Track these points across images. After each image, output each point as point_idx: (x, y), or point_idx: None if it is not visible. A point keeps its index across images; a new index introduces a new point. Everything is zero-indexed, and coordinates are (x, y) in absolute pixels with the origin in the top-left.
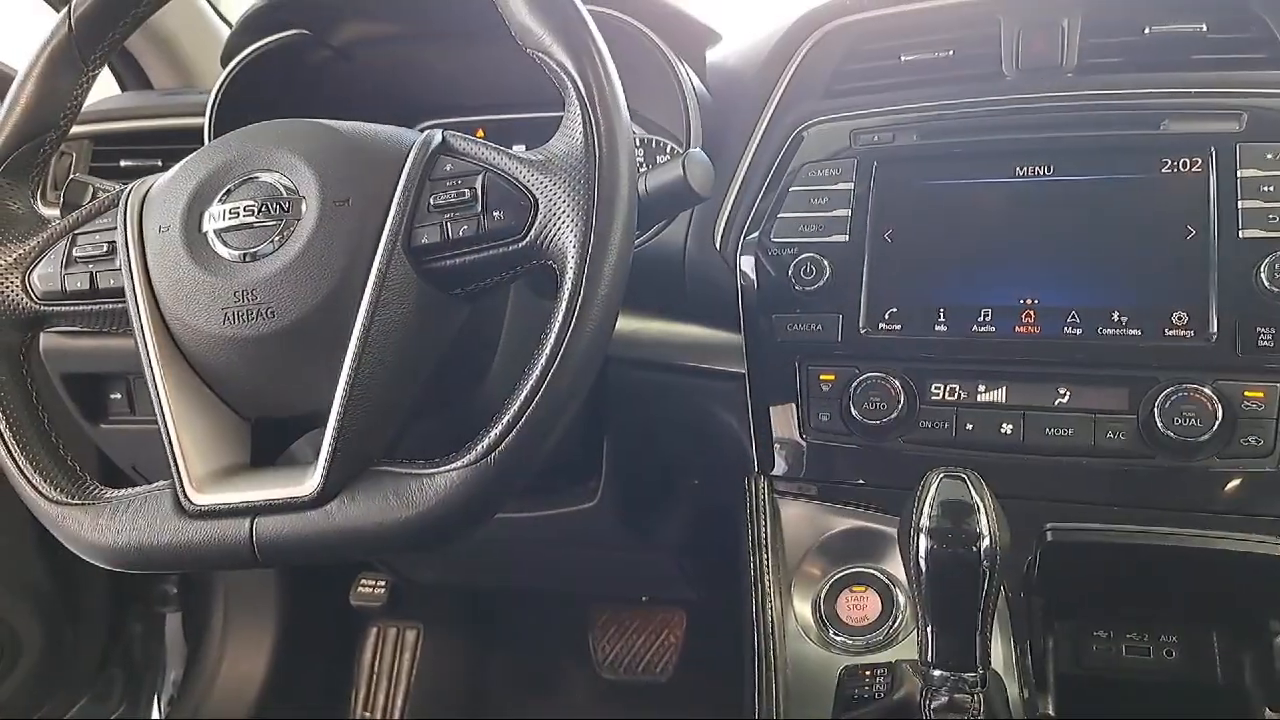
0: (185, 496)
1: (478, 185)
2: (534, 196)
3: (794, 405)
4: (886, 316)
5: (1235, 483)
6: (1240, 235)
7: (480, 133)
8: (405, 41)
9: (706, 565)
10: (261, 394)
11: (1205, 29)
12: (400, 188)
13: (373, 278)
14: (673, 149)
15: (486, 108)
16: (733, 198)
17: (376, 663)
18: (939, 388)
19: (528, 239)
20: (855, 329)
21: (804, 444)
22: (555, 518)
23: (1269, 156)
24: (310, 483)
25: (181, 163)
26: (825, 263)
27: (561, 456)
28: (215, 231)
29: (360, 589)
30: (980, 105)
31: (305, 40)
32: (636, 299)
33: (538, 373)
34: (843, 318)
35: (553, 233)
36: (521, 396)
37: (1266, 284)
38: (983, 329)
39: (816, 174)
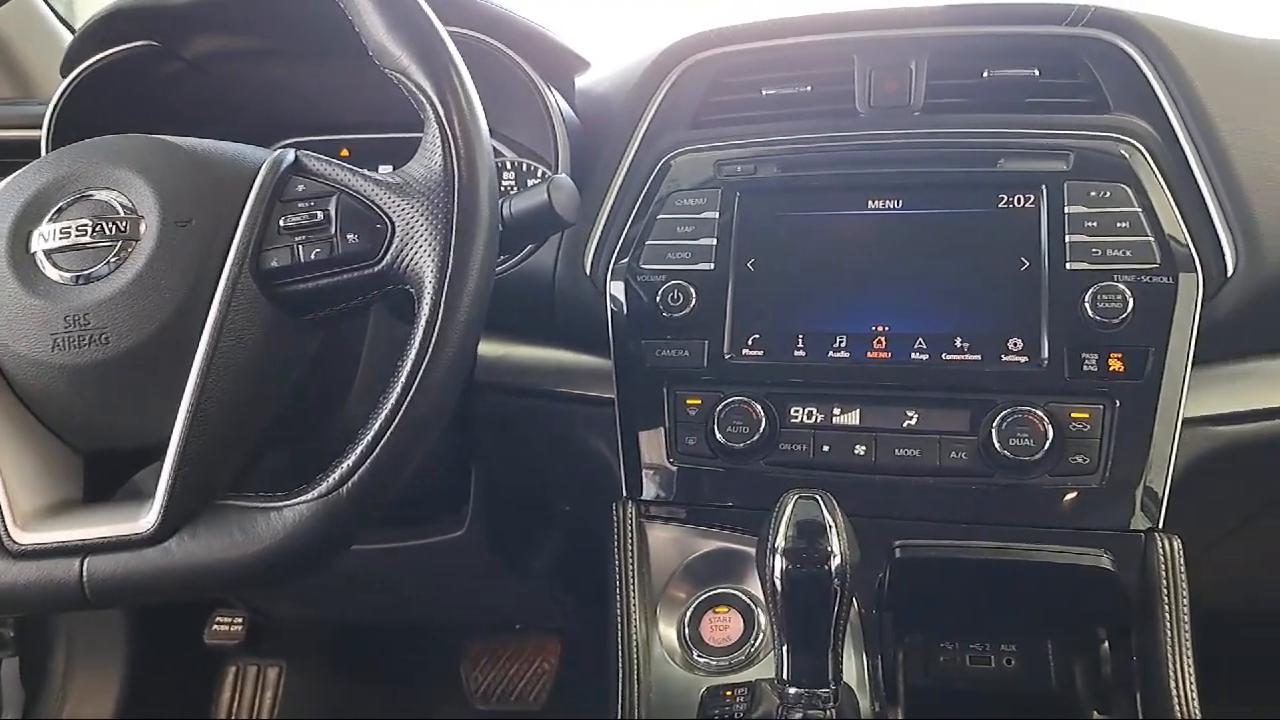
0: (8, 535)
1: (331, 207)
2: (390, 219)
3: (662, 430)
4: (750, 342)
5: (1065, 499)
6: (1068, 267)
7: (346, 152)
8: (264, 57)
9: (579, 591)
10: (95, 425)
11: (1038, 74)
12: (248, 208)
13: (217, 302)
14: (544, 173)
15: (352, 126)
16: (602, 223)
17: (235, 704)
18: (798, 411)
19: (383, 263)
20: (720, 355)
21: (672, 468)
22: (422, 548)
23: (1092, 194)
24: (147, 519)
25: (8, 179)
26: (692, 290)
27: (427, 485)
28: (44, 252)
29: (215, 626)
30: (836, 140)
31: (155, 51)
32: (505, 324)
33: (393, 401)
34: (708, 344)
35: (410, 257)
36: (376, 426)
37: (1091, 313)
38: (838, 354)
39: (683, 203)
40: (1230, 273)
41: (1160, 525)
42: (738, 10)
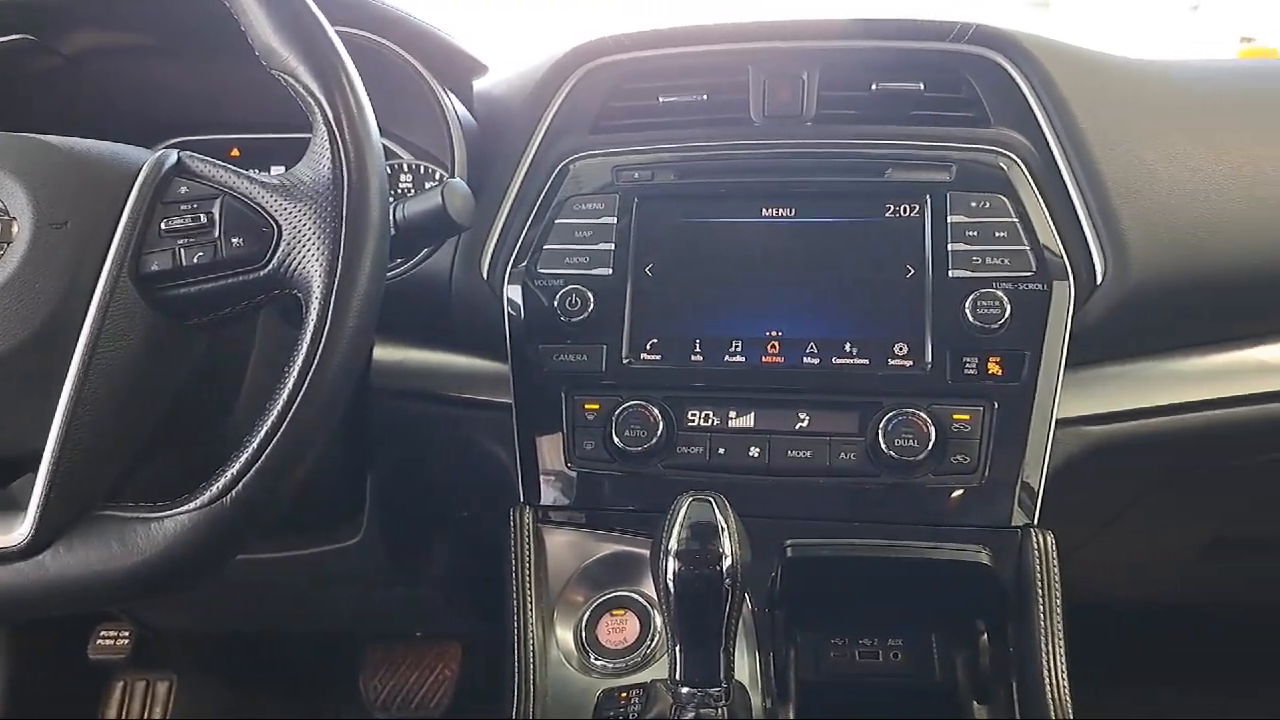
0: None
1: (215, 209)
2: (277, 223)
3: (560, 434)
4: (648, 347)
5: (947, 497)
6: (950, 275)
7: (236, 152)
8: (147, 54)
9: (478, 597)
10: None
11: (923, 88)
12: (127, 210)
13: (94, 307)
14: (442, 175)
15: (243, 126)
16: (500, 227)
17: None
18: (695, 414)
19: (270, 267)
20: (618, 359)
21: (570, 472)
22: (317, 556)
23: (973, 204)
24: (19, 531)
25: None
26: (590, 294)
27: (321, 492)
28: None
29: (100, 641)
30: (731, 148)
31: (30, 46)
32: (402, 328)
33: (279, 407)
34: (607, 348)
35: (297, 261)
36: (261, 433)
37: (971, 319)
38: (734, 359)
39: (581, 208)
40: (1099, 281)
41: (1035, 521)
42: (636, 18)
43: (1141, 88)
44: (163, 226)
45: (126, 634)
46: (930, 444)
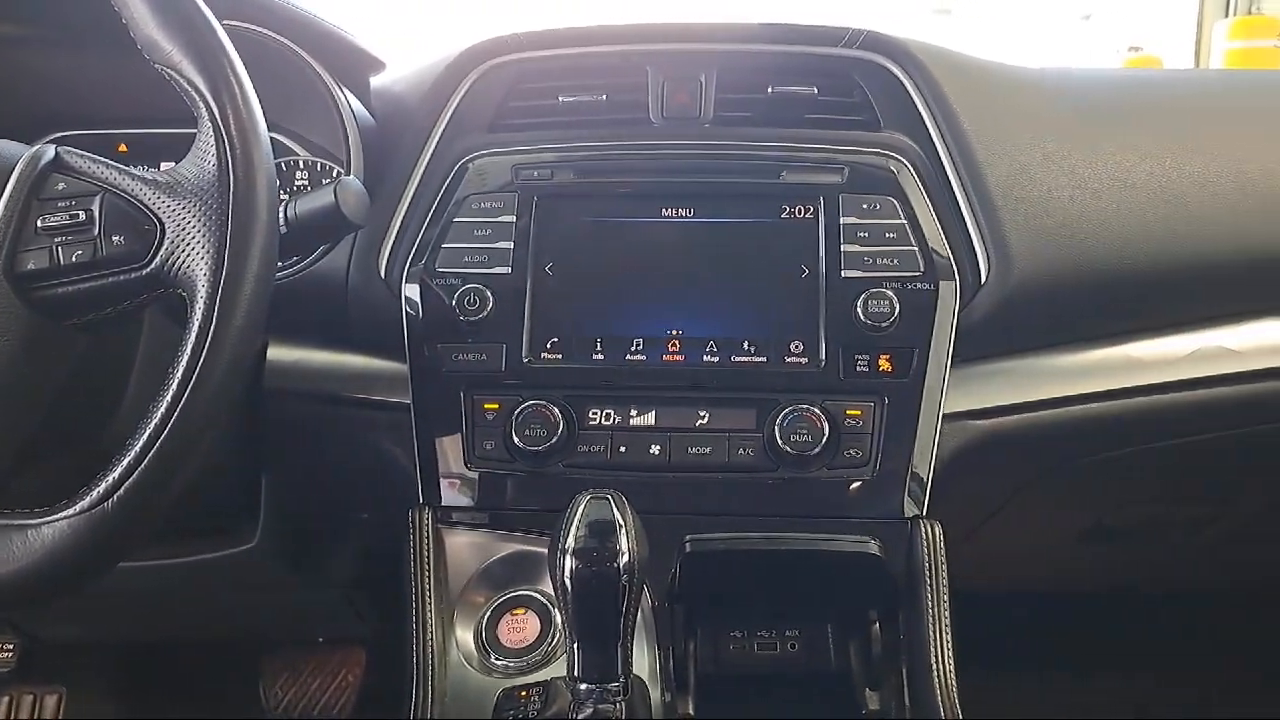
0: None
1: (94, 207)
2: (160, 220)
3: (459, 435)
4: (548, 346)
5: (840, 490)
6: (843, 275)
7: (123, 148)
8: (24, 44)
9: (381, 600)
10: None
11: (817, 92)
12: (1, 207)
13: None
14: (339, 172)
15: (130, 120)
16: (397, 226)
17: None
18: (596, 413)
19: (152, 266)
20: (518, 358)
21: (469, 473)
22: (210, 562)
23: (864, 206)
24: None
25: None
26: (489, 293)
27: (211, 497)
28: None
29: None
30: (630, 149)
31: None
32: (297, 328)
33: (162, 410)
34: (506, 347)
35: (181, 260)
36: (145, 436)
37: (863, 317)
38: (635, 357)
39: (480, 206)
40: (984, 281)
41: (924, 512)
42: (537, 17)
43: (1022, 94)
44: (39, 224)
45: (10, 646)
46: (824, 439)
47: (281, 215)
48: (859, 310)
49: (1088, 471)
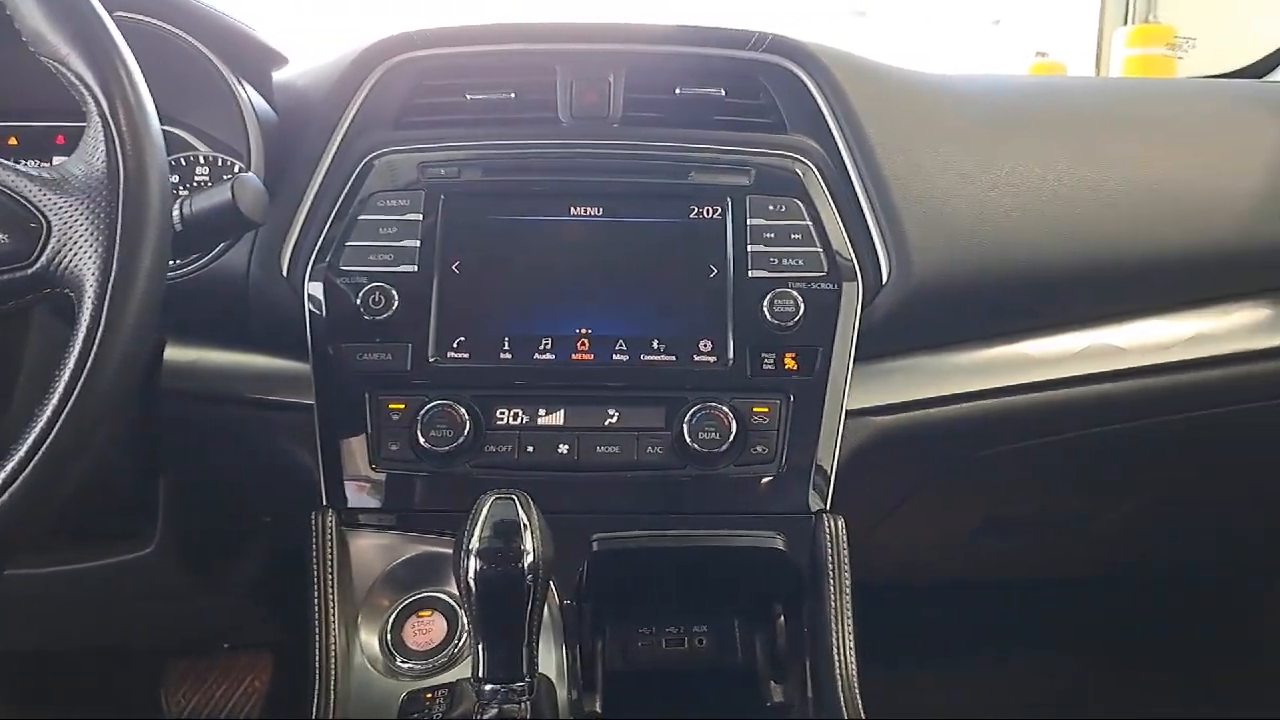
0: None
1: None
2: (46, 218)
3: (364, 435)
4: (455, 345)
5: (748, 486)
6: (750, 275)
7: (13, 141)
8: None
9: (287, 604)
10: None
11: (724, 94)
12: None
13: None
14: (241, 168)
15: (21, 113)
16: (300, 223)
17: None
18: (504, 413)
19: (38, 265)
20: (424, 358)
21: (374, 474)
22: (106, 569)
23: (771, 208)
24: None
25: None
26: (394, 292)
27: (106, 501)
28: None
29: None
30: (539, 147)
31: None
32: (196, 328)
33: (48, 414)
34: (412, 347)
35: (68, 259)
36: (30, 439)
37: (769, 317)
38: (544, 356)
39: (385, 204)
40: (885, 281)
41: (829, 507)
42: (446, 15)
43: (924, 100)
44: None
45: None
46: (732, 436)
47: (176, 213)
48: (765, 310)
49: (985, 465)
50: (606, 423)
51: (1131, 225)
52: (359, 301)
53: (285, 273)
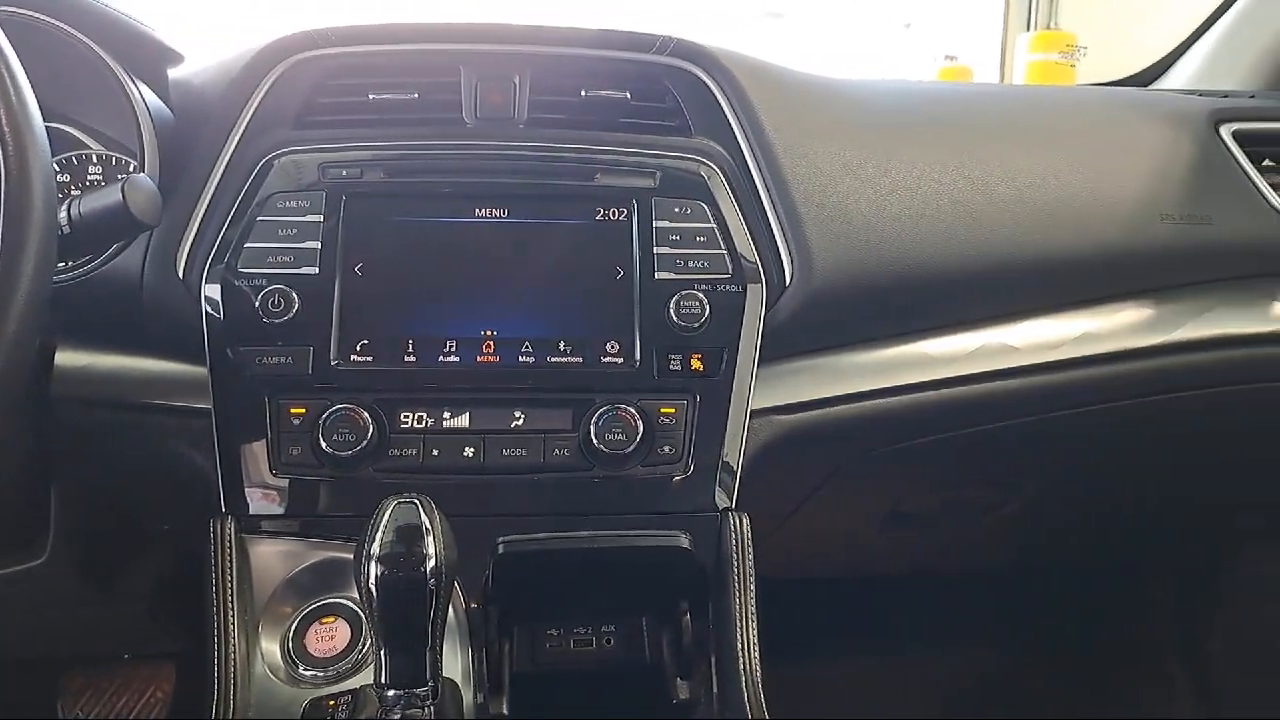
0: None
1: None
2: None
3: (264, 441)
4: (358, 348)
5: (655, 487)
6: (656, 276)
7: None
8: None
9: (188, 613)
10: None
11: (630, 97)
12: None
13: None
14: (135, 167)
15: None
16: (197, 224)
17: None
18: (408, 417)
19: None
20: (326, 361)
21: (275, 480)
22: None
23: (676, 210)
24: None
25: None
26: (294, 294)
27: None
28: None
29: None
30: (443, 148)
31: None
32: (88, 331)
33: None
34: (313, 350)
35: None
36: None
37: (675, 318)
38: (449, 359)
39: (285, 205)
40: (788, 283)
41: (734, 505)
42: (350, 14)
43: (827, 104)
44: None
45: None
46: (639, 437)
47: (64, 214)
48: (671, 311)
49: (886, 461)
50: (513, 425)
51: (1023, 228)
52: (258, 304)
53: (181, 275)
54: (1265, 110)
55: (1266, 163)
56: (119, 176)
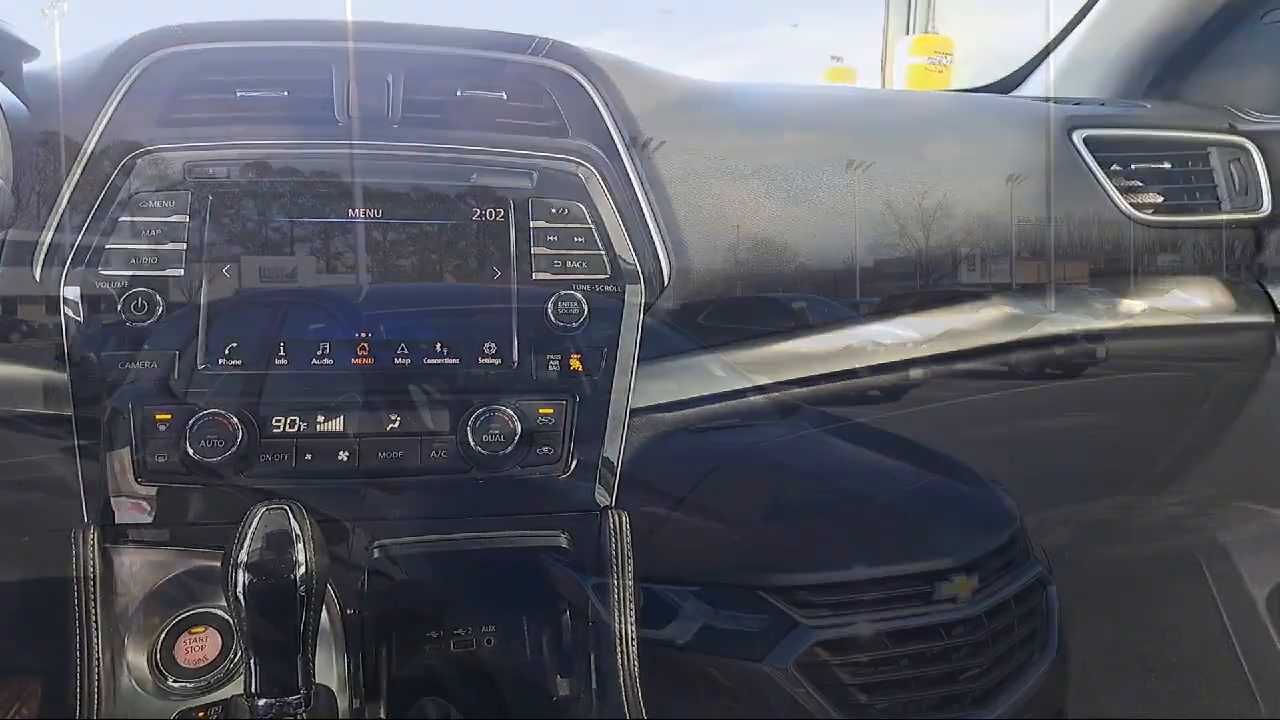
0: None
1: None
2: None
3: (129, 448)
4: (227, 352)
5: (534, 487)
6: (534, 277)
7: None
8: None
9: (52, 629)
10: None
11: (506, 97)
12: None
13: None
14: None
15: None
16: (55, 225)
17: None
18: (280, 421)
19: None
20: (193, 366)
21: (142, 488)
22: None
23: (553, 211)
24: None
25: None
26: (159, 297)
27: None
28: None
29: None
30: (315, 147)
31: None
32: None
33: None
34: (180, 354)
35: None
36: None
37: (553, 319)
38: (322, 362)
39: (150, 205)
40: (667, 283)
41: (614, 504)
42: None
43: (701, 107)
44: None
45: None
46: (517, 438)
47: None
48: (549, 312)
49: (767, 457)
50: (389, 428)
51: (890, 229)
52: (120, 307)
53: (38, 277)
54: (1114, 117)
55: (1114, 167)
56: None
